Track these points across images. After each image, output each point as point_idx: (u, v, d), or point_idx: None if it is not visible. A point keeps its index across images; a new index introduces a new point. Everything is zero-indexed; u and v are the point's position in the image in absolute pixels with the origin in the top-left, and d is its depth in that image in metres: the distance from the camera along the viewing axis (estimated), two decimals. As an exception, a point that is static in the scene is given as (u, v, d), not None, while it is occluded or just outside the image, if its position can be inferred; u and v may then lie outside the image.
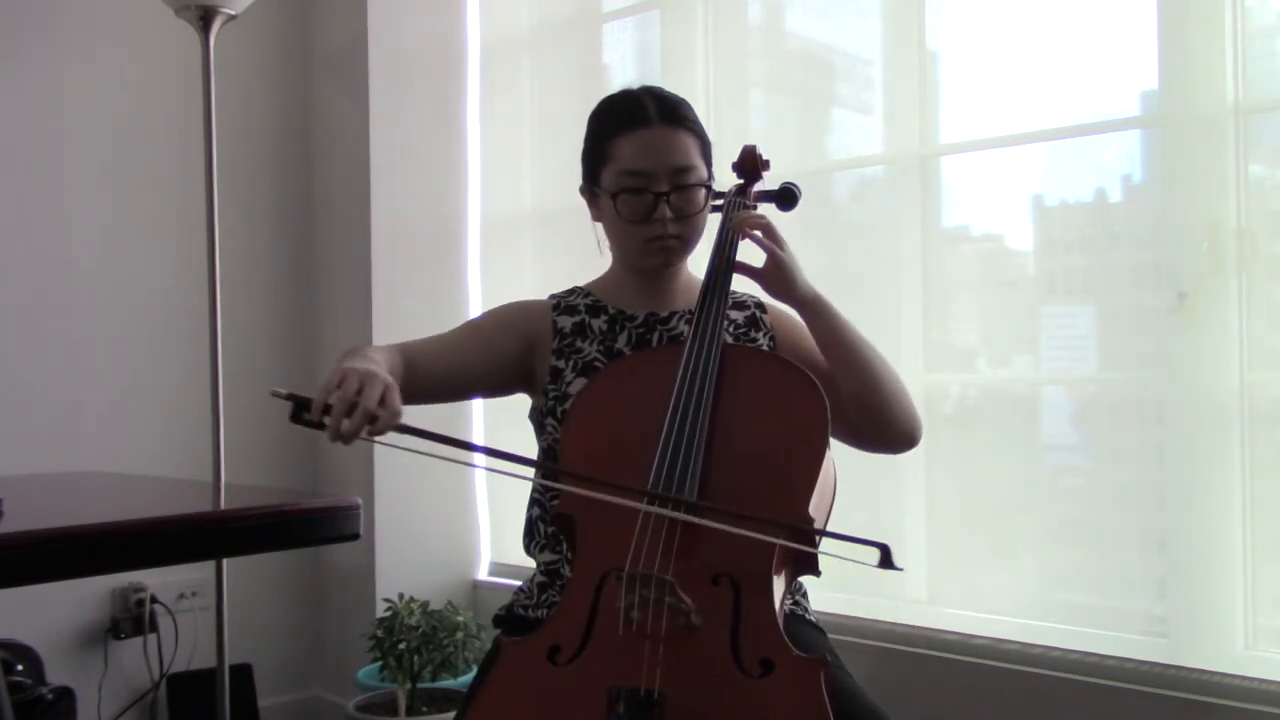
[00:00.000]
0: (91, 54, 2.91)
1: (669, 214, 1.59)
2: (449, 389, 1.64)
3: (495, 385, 1.68)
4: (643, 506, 1.34)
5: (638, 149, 1.58)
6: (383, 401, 1.28)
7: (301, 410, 1.29)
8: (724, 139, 1.78)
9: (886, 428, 1.61)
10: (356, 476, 3.06)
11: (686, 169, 1.59)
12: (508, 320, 1.69)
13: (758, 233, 1.56)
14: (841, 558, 1.28)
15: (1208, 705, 1.94)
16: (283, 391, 1.29)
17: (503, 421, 3.06)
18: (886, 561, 1.26)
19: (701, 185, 1.61)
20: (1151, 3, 2.09)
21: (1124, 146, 2.24)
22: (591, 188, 1.66)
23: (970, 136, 2.38)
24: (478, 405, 3.13)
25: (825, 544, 1.33)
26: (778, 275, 1.55)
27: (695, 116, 1.64)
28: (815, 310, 1.58)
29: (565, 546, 1.58)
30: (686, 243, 1.64)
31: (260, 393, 3.08)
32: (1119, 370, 2.25)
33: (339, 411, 1.27)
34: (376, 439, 1.29)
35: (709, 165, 1.64)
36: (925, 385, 2.39)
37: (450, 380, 1.62)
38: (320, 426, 1.28)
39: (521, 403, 1.73)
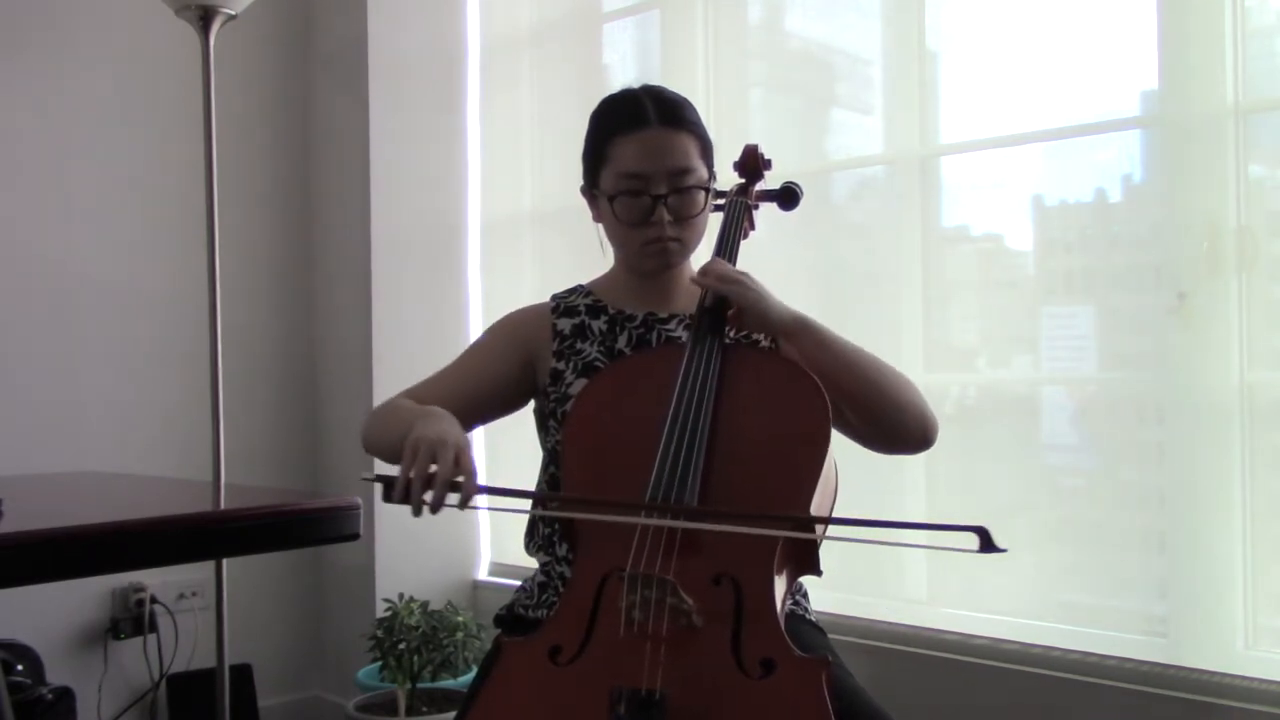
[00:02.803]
0: (91, 54, 2.91)
1: (667, 216, 1.57)
2: (464, 424, 1.55)
3: (504, 406, 1.69)
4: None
5: (636, 151, 1.56)
6: (457, 463, 1.29)
7: (389, 491, 1.31)
8: (724, 139, 1.78)
9: (896, 433, 1.56)
10: (356, 476, 3.04)
11: (685, 171, 1.57)
12: (507, 337, 1.69)
13: (715, 282, 1.51)
14: (937, 547, 1.27)
15: (1208, 705, 1.94)
16: (370, 476, 1.32)
17: (503, 422, 3.04)
18: (988, 545, 1.25)
19: (700, 188, 1.59)
20: (1151, 3, 2.09)
21: (1124, 146, 2.24)
22: (591, 189, 1.65)
23: (970, 136, 2.38)
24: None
25: (919, 536, 1.32)
26: (747, 312, 1.51)
27: (696, 117, 1.61)
28: (800, 335, 1.52)
29: (564, 548, 1.58)
30: (686, 245, 1.62)
31: (260, 392, 3.14)
32: (1119, 370, 2.25)
33: (417, 488, 1.28)
34: (468, 506, 1.29)
35: (710, 166, 1.62)
36: (925, 385, 2.35)
37: (463, 415, 1.53)
38: (408, 502, 1.30)
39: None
